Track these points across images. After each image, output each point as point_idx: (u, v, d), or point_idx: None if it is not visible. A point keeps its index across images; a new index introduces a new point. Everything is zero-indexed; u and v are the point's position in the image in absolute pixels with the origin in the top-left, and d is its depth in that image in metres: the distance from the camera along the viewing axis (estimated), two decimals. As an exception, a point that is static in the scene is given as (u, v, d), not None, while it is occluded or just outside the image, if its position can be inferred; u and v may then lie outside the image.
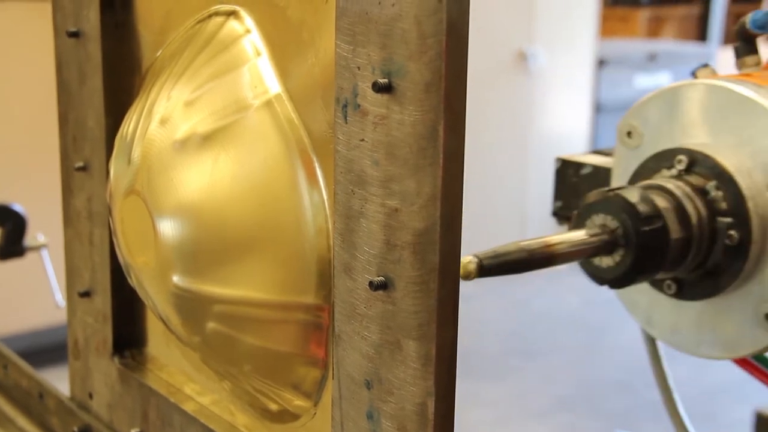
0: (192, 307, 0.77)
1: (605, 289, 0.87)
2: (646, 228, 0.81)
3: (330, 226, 0.71)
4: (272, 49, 0.75)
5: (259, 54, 0.76)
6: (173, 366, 0.93)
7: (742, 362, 0.99)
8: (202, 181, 0.74)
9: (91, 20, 0.91)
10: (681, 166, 0.87)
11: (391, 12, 0.60)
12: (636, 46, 5.56)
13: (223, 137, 0.74)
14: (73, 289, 1.01)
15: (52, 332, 3.04)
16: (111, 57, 0.91)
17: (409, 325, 0.62)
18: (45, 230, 1.68)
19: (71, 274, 1.01)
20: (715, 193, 0.84)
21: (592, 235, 0.81)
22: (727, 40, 6.20)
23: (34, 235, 1.64)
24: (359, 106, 0.63)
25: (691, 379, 3.28)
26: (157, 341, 0.95)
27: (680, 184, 0.86)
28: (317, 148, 0.72)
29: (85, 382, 1.02)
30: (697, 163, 0.86)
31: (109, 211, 0.85)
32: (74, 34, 0.93)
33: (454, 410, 0.63)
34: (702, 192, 0.85)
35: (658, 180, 0.87)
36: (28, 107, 3.11)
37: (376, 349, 0.65)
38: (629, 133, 0.93)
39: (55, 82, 0.98)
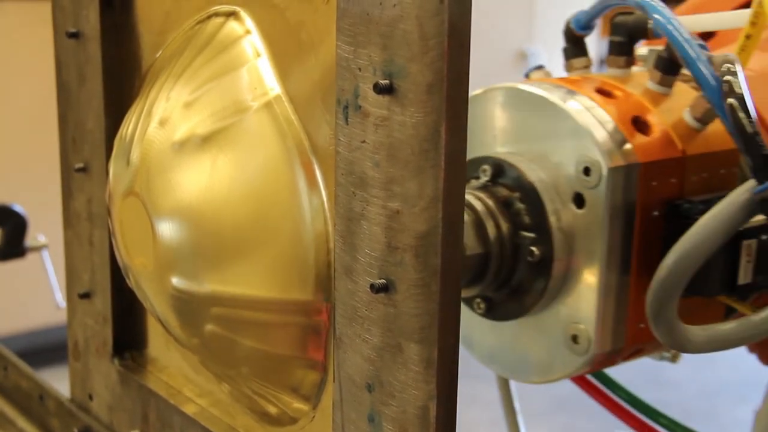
0: (190, 310, 0.77)
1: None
2: None
3: (329, 229, 0.70)
4: (272, 50, 0.75)
5: (258, 55, 0.75)
6: (173, 368, 0.93)
7: (584, 384, 0.94)
8: (201, 182, 0.74)
9: (91, 21, 0.91)
10: (486, 177, 0.81)
11: (392, 13, 0.60)
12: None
13: (222, 139, 0.74)
14: (72, 291, 1.01)
15: (53, 333, 3.04)
16: (111, 58, 0.91)
17: (411, 328, 0.62)
18: (46, 231, 1.68)
19: (71, 276, 1.01)
20: (518, 206, 0.78)
21: None
22: (728, 39, 6.19)
23: (34, 236, 1.64)
24: (360, 107, 0.63)
25: (691, 378, 3.28)
26: (157, 343, 0.95)
27: (483, 195, 0.79)
28: (317, 150, 0.72)
29: (85, 384, 1.02)
30: (503, 173, 0.80)
31: (108, 213, 0.85)
32: (74, 35, 0.93)
33: (456, 413, 0.63)
34: (506, 204, 0.79)
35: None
36: (28, 108, 3.11)
37: (378, 351, 0.64)
38: None
39: (54, 83, 0.98)
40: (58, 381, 1.09)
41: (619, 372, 1.00)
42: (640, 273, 0.77)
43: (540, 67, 0.91)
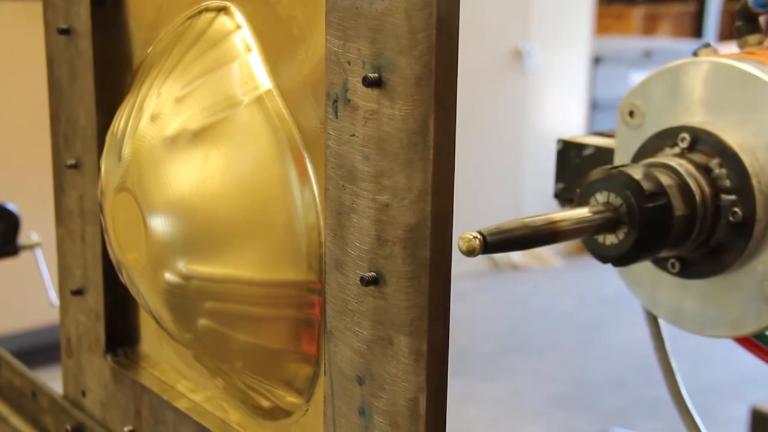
0: (183, 304, 0.77)
1: (600, 287, 0.85)
2: (650, 205, 0.80)
3: (321, 222, 0.71)
4: (263, 44, 0.75)
5: (249, 50, 0.75)
6: (166, 363, 0.93)
7: (745, 342, 0.98)
8: (193, 177, 0.74)
9: (82, 17, 0.91)
10: (684, 144, 0.86)
11: (381, 6, 0.60)
12: (631, 43, 5.56)
13: (213, 133, 0.74)
14: (65, 288, 1.01)
15: (46, 331, 3.03)
16: (102, 54, 0.91)
17: (401, 320, 0.62)
18: (39, 229, 1.68)
19: (63, 273, 1.01)
20: (719, 171, 0.83)
21: (595, 213, 0.79)
22: (722, 37, 6.20)
23: (27, 234, 1.64)
24: (350, 101, 0.63)
25: (688, 375, 3.28)
26: (150, 339, 0.95)
27: (683, 161, 0.84)
28: (308, 143, 0.72)
29: (78, 381, 1.02)
30: (700, 141, 0.85)
31: (101, 209, 0.85)
32: (65, 31, 0.93)
33: (446, 406, 0.63)
34: (705, 170, 0.84)
35: (661, 158, 0.86)
36: (20, 105, 3.10)
37: (368, 344, 0.65)
38: (631, 113, 0.92)
39: (46, 81, 0.98)
40: (52, 379, 1.09)
41: (613, 372, 1.00)
42: None
43: (708, 45, 0.94)
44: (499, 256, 4.56)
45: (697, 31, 6.44)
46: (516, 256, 4.51)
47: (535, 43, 4.47)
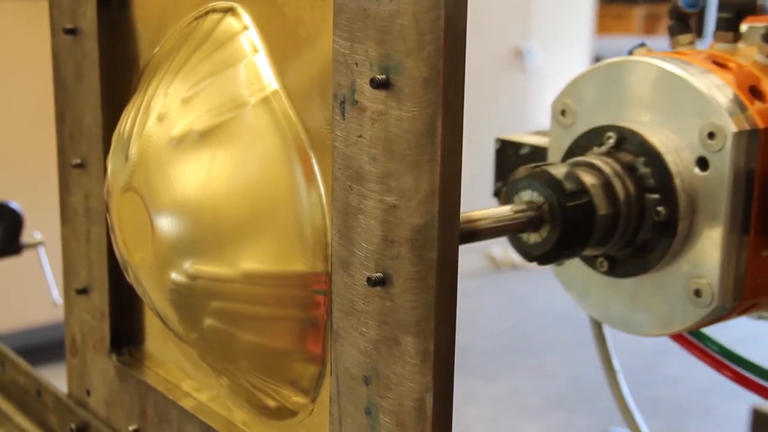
0: (189, 304, 0.77)
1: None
2: (572, 203, 0.80)
3: (328, 223, 0.71)
4: (269, 45, 0.75)
5: (256, 51, 0.76)
6: (171, 363, 0.93)
7: (679, 338, 1.00)
8: (199, 178, 0.74)
9: (88, 17, 0.91)
10: (610, 144, 0.86)
11: (388, 8, 0.60)
12: (632, 42, 5.55)
13: (220, 134, 0.74)
14: (70, 287, 1.01)
15: (50, 329, 3.04)
16: (108, 54, 0.91)
17: (408, 320, 0.62)
18: (42, 228, 1.68)
19: (68, 272, 1.01)
20: (643, 170, 0.84)
21: (517, 211, 0.80)
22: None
23: (31, 233, 1.64)
24: (357, 102, 0.63)
25: (686, 375, 3.30)
26: (155, 338, 0.95)
27: (609, 160, 0.85)
28: (315, 144, 0.72)
29: (82, 379, 1.02)
30: (627, 140, 0.86)
31: (107, 208, 0.85)
32: (71, 31, 0.93)
33: (453, 406, 0.63)
34: (631, 169, 0.84)
35: (588, 157, 0.87)
36: (25, 105, 3.11)
37: (374, 345, 0.65)
38: (563, 112, 0.93)
39: (52, 80, 0.98)
40: (56, 378, 1.09)
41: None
42: (758, 231, 0.83)
43: (642, 45, 0.96)
44: (499, 255, 4.56)
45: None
46: (516, 255, 4.52)
47: (535, 43, 4.48)
